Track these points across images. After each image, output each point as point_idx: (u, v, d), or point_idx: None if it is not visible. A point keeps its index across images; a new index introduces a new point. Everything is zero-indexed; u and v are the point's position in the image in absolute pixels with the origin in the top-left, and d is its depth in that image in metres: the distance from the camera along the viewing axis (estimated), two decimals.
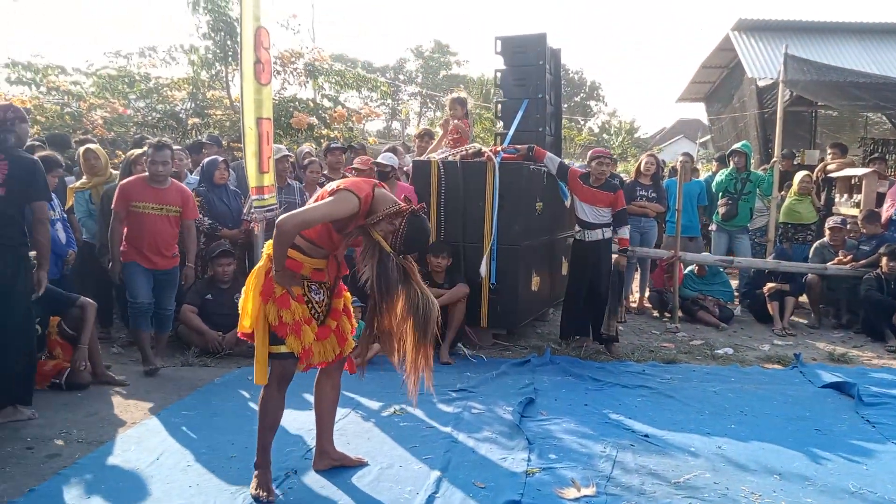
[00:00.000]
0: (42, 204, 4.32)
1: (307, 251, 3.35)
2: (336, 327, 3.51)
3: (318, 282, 3.44)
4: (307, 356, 3.37)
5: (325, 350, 3.45)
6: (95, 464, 3.77)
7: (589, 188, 6.21)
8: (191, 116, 10.82)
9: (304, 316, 3.35)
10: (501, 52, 7.05)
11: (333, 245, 3.40)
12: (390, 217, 3.24)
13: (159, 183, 5.42)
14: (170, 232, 5.49)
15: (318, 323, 3.43)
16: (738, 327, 7.57)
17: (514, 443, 4.11)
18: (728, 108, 18.67)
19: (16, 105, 4.55)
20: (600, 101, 49.18)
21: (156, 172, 5.38)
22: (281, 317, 3.29)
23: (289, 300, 3.29)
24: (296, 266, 3.33)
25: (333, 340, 3.49)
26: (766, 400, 5.04)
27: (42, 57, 10.66)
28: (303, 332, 3.32)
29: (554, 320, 7.55)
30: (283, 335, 3.31)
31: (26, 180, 4.23)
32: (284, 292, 3.29)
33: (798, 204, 8.57)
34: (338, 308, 3.55)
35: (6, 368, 4.31)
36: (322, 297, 3.46)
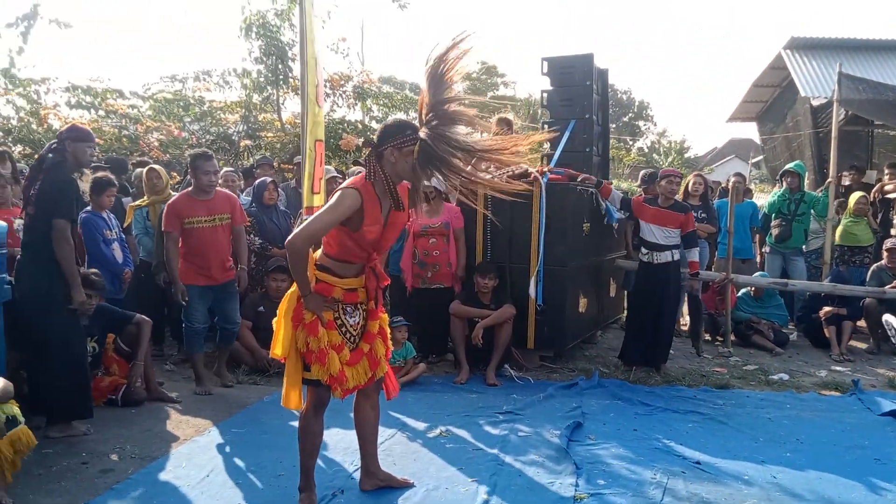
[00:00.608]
0: (59, 222, 4.29)
1: (338, 272, 3.30)
2: (369, 351, 3.41)
3: (354, 303, 3.37)
4: (340, 382, 3.28)
5: (358, 374, 3.36)
6: (147, 479, 3.84)
7: (658, 209, 6.18)
8: (243, 139, 11.06)
9: (335, 343, 3.27)
10: (548, 72, 7.06)
11: (364, 254, 3.30)
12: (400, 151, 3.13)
13: (206, 194, 5.44)
14: (225, 241, 5.52)
15: (352, 347, 3.36)
16: (794, 352, 7.37)
17: (561, 467, 4.06)
18: (781, 128, 18.35)
19: (78, 126, 4.71)
20: (649, 120, 48.81)
21: (208, 182, 5.41)
22: (308, 343, 3.24)
23: (318, 327, 3.23)
24: (327, 289, 3.27)
25: (365, 364, 3.39)
26: (823, 428, 4.89)
27: (101, 81, 11.01)
28: (329, 359, 3.23)
29: (602, 343, 7.47)
30: (309, 362, 3.26)
31: (53, 198, 4.32)
32: (314, 318, 3.23)
33: (854, 226, 8.34)
34: (372, 331, 3.44)
35: (54, 382, 4.39)
36: (357, 319, 3.39)
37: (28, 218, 4.40)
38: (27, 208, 4.40)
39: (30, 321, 4.37)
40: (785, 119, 18.05)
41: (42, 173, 4.37)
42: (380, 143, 3.22)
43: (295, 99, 11.75)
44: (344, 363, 3.29)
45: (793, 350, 7.46)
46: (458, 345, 6.10)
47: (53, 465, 3.98)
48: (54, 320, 4.38)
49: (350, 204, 3.14)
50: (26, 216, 4.43)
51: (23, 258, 4.44)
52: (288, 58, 11.00)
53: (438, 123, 3.05)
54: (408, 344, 6.00)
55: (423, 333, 6.59)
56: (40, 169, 4.40)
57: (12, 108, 9.96)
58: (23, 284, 4.39)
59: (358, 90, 12.17)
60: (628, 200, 6.51)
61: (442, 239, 6.32)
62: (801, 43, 16.63)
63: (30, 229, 4.39)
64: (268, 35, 10.87)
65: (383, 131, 3.25)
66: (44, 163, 4.40)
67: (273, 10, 10.91)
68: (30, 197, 4.36)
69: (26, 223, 4.44)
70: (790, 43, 16.69)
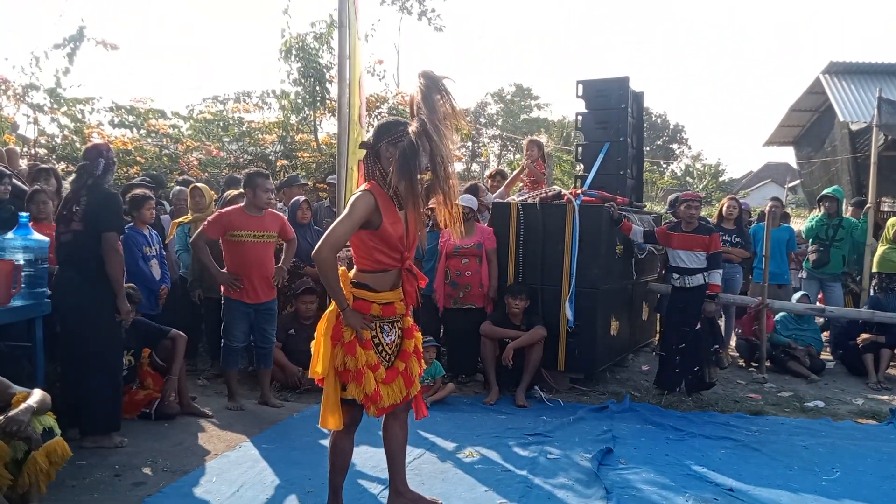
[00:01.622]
0: (109, 234, 4.42)
1: (374, 286, 3.30)
2: (404, 369, 3.41)
3: (391, 320, 3.38)
4: (374, 401, 3.27)
5: (393, 392, 3.35)
6: (178, 493, 3.88)
7: (682, 234, 6.16)
8: (279, 158, 11.22)
9: (371, 362, 3.27)
10: (583, 95, 7.08)
11: (395, 255, 3.30)
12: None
13: (259, 211, 5.52)
14: (270, 259, 5.59)
15: (387, 366, 3.36)
16: (830, 379, 7.23)
17: (591, 491, 4.02)
18: (819, 153, 18.14)
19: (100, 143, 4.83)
20: (683, 143, 48.49)
21: (267, 200, 5.51)
22: (346, 363, 3.24)
23: (356, 346, 3.23)
24: (364, 307, 3.28)
25: (401, 382, 3.38)
26: (859, 457, 4.78)
27: (144, 102, 11.27)
28: (365, 378, 3.23)
29: (633, 366, 7.40)
30: (345, 381, 3.26)
31: (98, 213, 4.44)
32: (353, 338, 3.24)
33: (892, 253, 8.17)
34: (408, 349, 3.45)
35: (91, 395, 4.48)
36: (394, 337, 3.40)
37: (72, 234, 4.48)
38: (71, 224, 4.49)
39: (72, 334, 4.47)
40: (823, 144, 17.83)
41: (86, 189, 4.49)
42: (375, 141, 3.30)
43: (331, 120, 11.91)
44: (380, 382, 3.29)
45: (829, 377, 7.32)
46: (488, 365, 6.09)
47: (87, 476, 4.04)
48: (97, 334, 4.48)
49: (364, 205, 3.18)
50: (68, 233, 4.50)
51: (65, 273, 4.53)
52: (326, 80, 11.16)
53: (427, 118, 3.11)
54: (437, 363, 6.01)
55: (454, 353, 6.60)
56: (83, 185, 4.52)
57: (57, 127, 10.24)
58: (66, 298, 4.49)
59: (393, 111, 12.29)
60: (651, 233, 6.49)
61: (474, 259, 6.34)
62: (840, 67, 16.46)
63: (74, 245, 4.48)
64: (306, 58, 11.04)
65: (378, 130, 3.34)
66: (85, 179, 4.52)
67: (312, 34, 11.10)
68: (73, 213, 4.47)
69: (69, 239, 4.51)
70: (829, 67, 16.52)
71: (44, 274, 4.59)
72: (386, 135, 3.26)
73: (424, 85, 3.16)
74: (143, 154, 10.39)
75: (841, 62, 16.49)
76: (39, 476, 3.41)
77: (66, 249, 4.54)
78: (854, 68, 16.44)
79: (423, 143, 3.08)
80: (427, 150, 3.09)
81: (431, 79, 3.17)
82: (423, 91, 3.15)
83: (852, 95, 15.63)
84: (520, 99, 42.94)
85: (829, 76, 16.38)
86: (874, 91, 10.04)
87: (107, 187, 4.57)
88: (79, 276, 4.46)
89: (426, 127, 3.09)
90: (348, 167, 5.95)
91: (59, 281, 4.57)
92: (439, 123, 3.12)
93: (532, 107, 42.70)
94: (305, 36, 11.08)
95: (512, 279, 6.41)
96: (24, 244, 4.47)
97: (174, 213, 7.09)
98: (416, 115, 3.17)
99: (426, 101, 3.14)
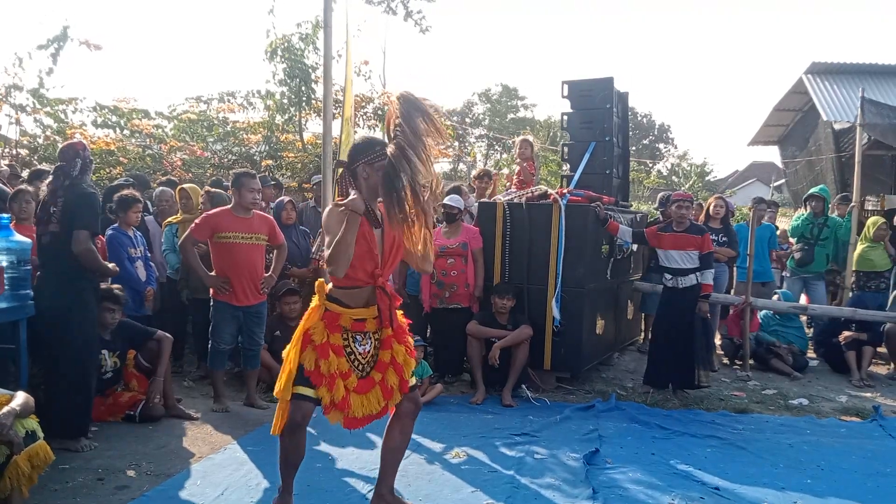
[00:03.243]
0: (80, 232, 4.35)
1: (346, 301, 3.30)
2: (381, 380, 3.34)
3: (363, 332, 3.36)
4: (342, 409, 3.24)
5: (370, 403, 3.31)
6: (162, 496, 3.86)
7: (673, 234, 6.16)
8: (264, 159, 11.18)
9: (342, 370, 3.26)
10: (568, 95, 7.09)
11: (365, 272, 3.28)
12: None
13: (247, 212, 5.47)
14: (260, 261, 5.54)
15: (362, 375, 3.33)
16: (813, 377, 7.28)
17: (577, 490, 4.03)
18: (803, 152, 18.29)
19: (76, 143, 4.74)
20: (670, 143, 48.72)
21: (252, 200, 5.45)
22: (318, 365, 3.23)
23: (328, 350, 3.23)
24: (334, 317, 3.28)
25: (378, 393, 3.32)
26: (843, 454, 4.82)
27: (127, 102, 11.18)
28: (336, 385, 3.22)
29: (619, 365, 7.42)
30: (317, 384, 3.23)
31: (74, 213, 4.38)
32: (324, 341, 3.24)
33: (871, 251, 8.24)
34: (384, 360, 3.37)
35: (61, 400, 4.42)
36: (368, 347, 3.36)
37: (50, 236, 4.44)
38: (49, 226, 4.44)
39: (49, 336, 4.43)
40: (807, 143, 17.99)
41: (62, 190, 4.44)
42: (352, 160, 3.30)
43: (316, 120, 11.87)
44: (351, 389, 3.27)
45: (812, 375, 7.36)
46: (474, 365, 6.09)
47: (70, 480, 4.00)
48: (74, 337, 4.44)
49: (338, 216, 3.19)
50: (47, 234, 4.46)
51: (44, 275, 4.51)
52: (311, 80, 11.13)
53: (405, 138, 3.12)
54: (424, 363, 6.00)
55: (440, 353, 6.60)
56: (60, 185, 4.46)
57: (39, 128, 10.14)
58: (44, 301, 4.45)
59: (378, 112, 12.27)
60: (641, 234, 6.48)
61: (460, 259, 6.34)
62: (823, 68, 16.62)
63: (52, 246, 4.44)
64: (292, 58, 11.00)
65: (354, 149, 3.33)
66: (63, 180, 4.45)
67: (297, 34, 11.06)
68: (51, 214, 4.42)
69: (47, 241, 4.46)
70: (811, 68, 16.67)
71: (27, 276, 4.54)
72: (363, 155, 3.26)
73: (403, 107, 3.15)
74: (126, 154, 10.31)
75: (823, 62, 16.65)
76: (21, 480, 3.38)
77: (45, 251, 4.50)
78: (836, 68, 16.59)
79: (402, 165, 3.09)
80: (406, 172, 3.09)
81: (411, 101, 3.18)
82: (402, 113, 3.15)
83: (835, 95, 15.78)
84: (506, 99, 43.03)
85: (812, 76, 16.53)
86: (857, 91, 10.12)
87: (84, 187, 4.50)
88: (56, 278, 4.42)
89: (405, 150, 3.10)
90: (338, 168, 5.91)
91: (39, 283, 4.53)
92: (418, 146, 3.13)
93: (518, 107, 42.79)
94: (291, 37, 11.05)
95: (498, 279, 6.41)
96: (6, 246, 4.40)
97: (157, 214, 7.03)
98: (394, 136, 3.17)
99: (408, 124, 3.13)
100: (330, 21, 5.90)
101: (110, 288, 5.11)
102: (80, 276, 4.45)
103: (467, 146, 35.26)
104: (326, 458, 4.47)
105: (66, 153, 4.55)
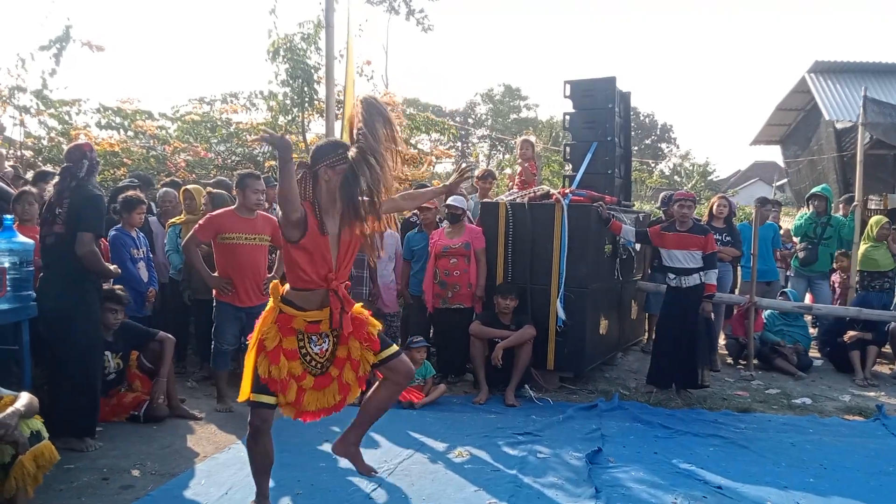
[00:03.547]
0: (84, 235, 4.38)
1: (299, 303, 3.31)
2: (338, 376, 3.38)
3: (318, 333, 3.36)
4: (297, 404, 3.30)
5: (325, 397, 3.36)
6: (167, 496, 3.87)
7: (676, 234, 6.16)
8: (268, 160, 11.18)
9: (295, 373, 3.29)
10: (571, 95, 7.09)
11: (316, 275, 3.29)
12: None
13: (251, 213, 5.49)
14: (263, 262, 5.55)
15: (318, 373, 3.35)
16: (817, 376, 7.28)
17: (580, 489, 4.03)
18: (805, 151, 18.27)
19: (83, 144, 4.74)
20: (672, 143, 48.73)
21: (256, 201, 5.47)
22: (270, 372, 3.25)
23: (279, 355, 3.26)
24: (287, 319, 3.30)
25: (335, 388, 3.38)
26: (846, 453, 4.82)
27: (131, 102, 11.19)
28: (288, 388, 3.27)
29: (622, 365, 7.43)
30: (274, 390, 3.26)
31: (80, 214, 4.40)
32: (276, 346, 3.26)
33: (874, 251, 8.22)
34: (340, 356, 3.40)
35: (68, 401, 4.45)
36: (326, 346, 3.38)
37: (55, 237, 4.46)
38: (54, 227, 4.46)
39: (54, 337, 4.45)
40: (809, 143, 17.97)
41: (69, 191, 4.46)
42: (314, 163, 3.32)
43: (319, 121, 11.86)
44: (307, 389, 3.31)
45: (816, 374, 7.36)
46: (477, 365, 6.10)
47: (74, 480, 4.02)
48: (79, 338, 4.46)
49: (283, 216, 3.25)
50: (52, 235, 4.48)
51: (48, 276, 4.52)
52: (313, 81, 11.12)
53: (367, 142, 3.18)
54: (427, 363, 6.02)
55: (443, 353, 6.61)
56: (67, 187, 4.48)
57: (44, 129, 10.16)
58: (48, 302, 4.46)
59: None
60: (644, 233, 6.48)
61: (463, 259, 6.34)
62: (825, 67, 16.60)
63: (57, 248, 4.45)
64: (294, 59, 11.01)
65: (316, 151, 3.36)
66: (69, 181, 4.47)
67: (299, 34, 11.06)
68: (57, 215, 4.44)
69: (52, 242, 4.48)
70: (814, 67, 16.66)
71: (29, 277, 4.55)
72: (325, 158, 3.28)
73: (366, 111, 3.21)
74: (130, 155, 10.32)
75: (826, 61, 16.63)
76: (27, 480, 3.39)
77: (49, 252, 4.51)
78: (839, 67, 16.58)
79: (362, 169, 3.15)
80: (366, 176, 3.16)
81: (374, 106, 3.23)
82: (364, 117, 3.20)
83: (837, 95, 15.76)
84: (509, 99, 43.05)
85: (815, 75, 16.52)
86: (859, 90, 10.11)
87: (90, 188, 4.52)
88: (61, 279, 4.44)
89: (365, 154, 3.15)
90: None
91: (42, 284, 4.54)
92: (379, 149, 3.19)
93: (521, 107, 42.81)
94: (293, 37, 11.05)
95: (501, 279, 6.42)
96: (9, 247, 4.42)
97: (161, 214, 7.04)
98: (356, 139, 3.22)
99: (368, 127, 3.19)
100: (332, 21, 5.92)
101: (112, 289, 5.12)
102: (84, 278, 4.47)
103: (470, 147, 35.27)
104: (329, 458, 4.46)
105: (72, 154, 4.56)
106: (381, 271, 6.59)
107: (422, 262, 6.69)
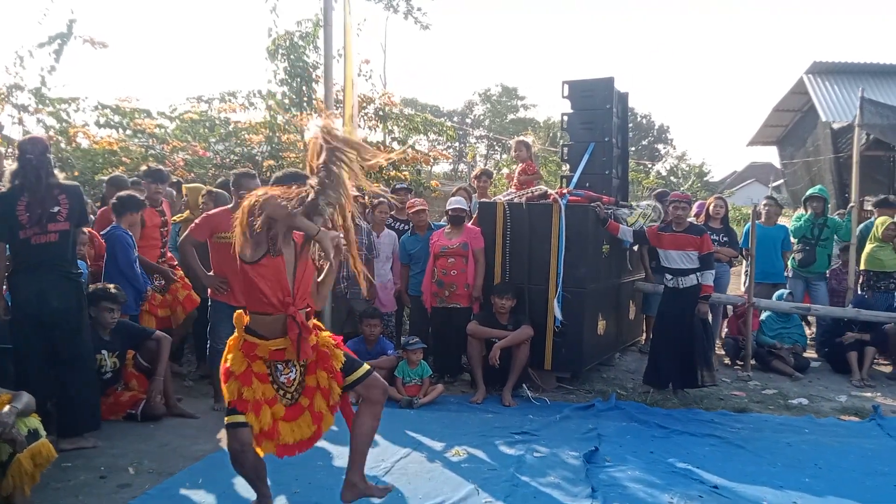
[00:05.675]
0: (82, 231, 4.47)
1: (262, 332, 3.33)
2: (309, 405, 3.39)
3: (284, 360, 3.37)
4: (271, 437, 3.28)
5: (300, 429, 3.36)
6: (164, 495, 3.88)
7: (672, 234, 6.17)
8: (266, 159, 11.17)
9: (267, 396, 3.29)
10: (568, 96, 7.09)
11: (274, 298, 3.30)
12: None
13: None
14: None
15: (289, 403, 3.35)
16: (814, 377, 7.29)
17: (577, 489, 4.04)
18: (802, 152, 18.31)
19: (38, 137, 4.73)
20: (669, 144, 48.77)
21: None
22: (242, 393, 3.25)
23: (251, 377, 3.27)
24: (251, 347, 3.32)
25: (308, 418, 3.38)
26: (842, 453, 4.83)
27: (129, 101, 11.17)
28: (262, 411, 3.25)
29: (620, 365, 7.44)
30: (244, 410, 3.24)
31: (81, 210, 4.41)
32: (245, 369, 3.28)
33: (880, 251, 8.23)
34: (311, 385, 3.41)
35: (75, 399, 4.47)
36: (293, 375, 3.38)
37: (58, 235, 4.37)
38: (54, 225, 4.37)
39: (60, 337, 4.43)
40: (805, 143, 18.01)
41: (58, 188, 4.41)
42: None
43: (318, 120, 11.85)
44: (279, 418, 3.30)
45: (813, 375, 7.37)
46: (475, 365, 6.10)
47: (72, 478, 4.02)
48: (81, 340, 4.50)
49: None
50: (53, 233, 4.37)
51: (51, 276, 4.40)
52: (312, 80, 11.12)
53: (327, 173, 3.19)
54: (423, 363, 6.03)
55: (440, 353, 6.61)
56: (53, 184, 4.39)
57: (42, 127, 10.13)
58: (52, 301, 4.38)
59: (380, 112, 12.26)
60: (642, 233, 6.49)
61: (460, 259, 6.35)
62: (823, 67, 16.62)
63: (61, 245, 4.39)
64: (293, 57, 11.01)
65: (277, 181, 3.44)
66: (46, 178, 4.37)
67: (298, 33, 11.06)
68: (56, 214, 4.36)
69: (53, 240, 4.37)
70: (812, 68, 16.68)
71: None
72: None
73: (326, 143, 3.21)
74: (128, 154, 10.30)
75: (824, 62, 16.65)
76: (24, 478, 3.40)
77: (51, 251, 4.38)
78: (837, 68, 16.60)
79: (323, 198, 3.18)
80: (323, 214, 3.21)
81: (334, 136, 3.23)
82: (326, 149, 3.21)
83: (835, 95, 15.80)
84: (506, 99, 43.02)
85: (813, 76, 16.55)
86: (856, 91, 10.10)
87: (71, 183, 4.54)
88: (67, 278, 4.42)
89: (325, 185, 3.17)
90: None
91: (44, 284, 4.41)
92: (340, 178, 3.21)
93: (518, 107, 42.78)
94: (292, 35, 11.05)
95: (499, 278, 6.42)
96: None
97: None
98: (316, 170, 3.23)
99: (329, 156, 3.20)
100: (330, 20, 5.91)
101: (107, 287, 5.10)
102: (80, 275, 4.48)
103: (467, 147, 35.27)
104: (327, 457, 4.48)
105: (36, 148, 4.40)
106: (378, 271, 6.61)
107: (421, 263, 6.71)
